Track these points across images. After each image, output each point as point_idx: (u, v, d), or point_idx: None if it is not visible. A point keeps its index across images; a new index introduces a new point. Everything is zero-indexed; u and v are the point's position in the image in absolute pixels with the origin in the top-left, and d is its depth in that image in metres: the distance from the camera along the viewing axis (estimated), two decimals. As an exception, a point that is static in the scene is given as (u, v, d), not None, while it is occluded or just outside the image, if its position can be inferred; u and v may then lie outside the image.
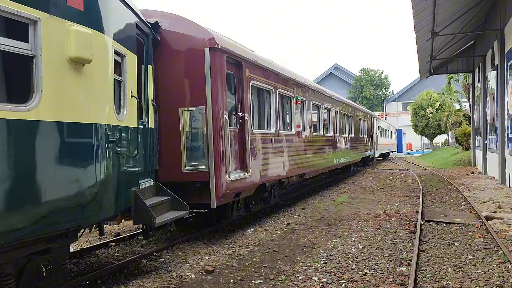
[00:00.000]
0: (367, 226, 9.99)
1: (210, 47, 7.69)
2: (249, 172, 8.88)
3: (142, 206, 5.94)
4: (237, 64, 8.76)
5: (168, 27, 7.94)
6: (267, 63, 10.29)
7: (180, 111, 7.81)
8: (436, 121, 46.54)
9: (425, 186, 18.33)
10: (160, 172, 7.86)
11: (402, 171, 27.04)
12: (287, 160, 11.45)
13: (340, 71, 76.11)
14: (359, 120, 23.66)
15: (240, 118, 8.79)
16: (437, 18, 17.08)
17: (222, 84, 7.96)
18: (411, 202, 13.68)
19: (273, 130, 10.51)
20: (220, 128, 7.79)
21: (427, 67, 25.97)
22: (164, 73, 7.94)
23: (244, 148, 8.81)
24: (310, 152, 13.60)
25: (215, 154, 7.69)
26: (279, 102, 11.11)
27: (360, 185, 19.23)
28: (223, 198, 7.98)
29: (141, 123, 6.67)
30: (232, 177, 8.10)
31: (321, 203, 13.87)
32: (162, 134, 7.92)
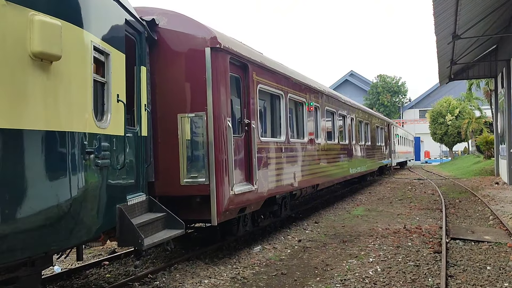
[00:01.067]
0: (386, 243, 9.10)
1: (212, 46, 6.96)
2: (256, 185, 8.09)
3: (129, 225, 5.19)
4: (243, 67, 8.00)
5: (166, 26, 7.23)
6: (277, 66, 9.52)
7: (179, 117, 7.07)
8: (455, 128, 45.16)
9: (447, 197, 17.30)
10: (157, 185, 7.12)
11: (421, 181, 25.94)
12: (299, 170, 10.63)
13: (356, 78, 75.08)
14: (376, 127, 22.71)
15: (245, 125, 8.02)
16: (459, 20, 16.14)
17: (225, 88, 7.21)
18: (433, 216, 12.72)
19: (283, 138, 9.71)
20: (223, 136, 7.03)
21: (447, 73, 24.93)
22: (161, 76, 7.22)
23: (250, 158, 8.03)
24: (324, 161, 12.75)
25: (217, 165, 6.92)
26: (290, 108, 10.31)
27: (377, 196, 18.28)
28: (226, 215, 7.19)
29: (132, 131, 5.95)
30: (236, 190, 7.32)
31: (336, 216, 12.99)
32: (159, 143, 7.18)
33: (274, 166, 9.07)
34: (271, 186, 8.91)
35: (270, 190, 8.83)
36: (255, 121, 8.24)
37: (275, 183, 9.11)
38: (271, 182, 8.91)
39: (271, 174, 8.90)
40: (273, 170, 9.03)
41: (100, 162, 4.75)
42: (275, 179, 9.11)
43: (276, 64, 9.57)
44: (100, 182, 4.81)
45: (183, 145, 7.04)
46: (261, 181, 8.39)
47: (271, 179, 8.93)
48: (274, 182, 9.09)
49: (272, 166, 8.99)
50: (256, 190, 8.12)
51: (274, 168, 9.05)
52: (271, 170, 8.92)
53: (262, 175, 8.44)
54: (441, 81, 27.19)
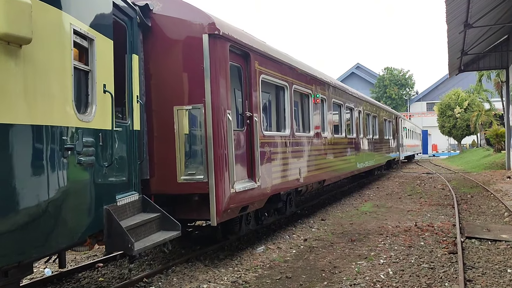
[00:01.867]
0: (397, 243, 8.60)
1: (210, 33, 6.45)
2: (259, 181, 7.60)
3: (117, 228, 4.72)
4: (244, 55, 7.49)
5: (161, 11, 6.72)
6: (281, 55, 8.99)
7: (175, 110, 6.58)
8: (464, 121, 44.39)
9: (458, 192, 16.73)
10: (152, 183, 6.66)
11: (430, 175, 25.33)
12: (305, 165, 10.13)
13: (362, 71, 74.27)
14: (384, 120, 22.12)
15: (247, 118, 7.52)
16: (472, 7, 15.50)
17: (224, 78, 6.70)
18: (445, 212, 12.18)
19: (288, 132, 9.20)
20: (222, 130, 6.54)
21: (457, 64, 24.24)
22: (156, 66, 6.73)
23: (253, 153, 7.53)
24: (331, 156, 12.23)
25: (216, 161, 6.43)
26: (295, 100, 9.79)
27: (386, 191, 17.74)
28: (226, 214, 6.71)
29: (122, 125, 5.47)
30: (237, 188, 6.83)
31: (343, 213, 12.48)
32: (154, 137, 6.71)
33: (278, 161, 8.57)
34: (275, 182, 8.41)
35: (274, 186, 8.33)
36: (258, 114, 7.74)
37: (279, 179, 8.61)
38: (275, 179, 8.42)
39: (275, 170, 8.40)
40: (277, 166, 8.53)
41: (83, 159, 4.28)
42: (279, 175, 8.62)
43: (280, 54, 9.04)
44: (84, 181, 4.34)
45: (180, 139, 6.56)
46: (264, 178, 7.90)
47: (275, 175, 8.43)
48: (279, 178, 8.59)
49: (276, 162, 8.49)
50: (259, 187, 7.63)
51: (278, 163, 8.56)
52: (275, 165, 8.43)
53: (265, 171, 7.94)
54: (451, 72, 26.48)
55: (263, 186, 7.81)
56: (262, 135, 7.90)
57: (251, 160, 7.55)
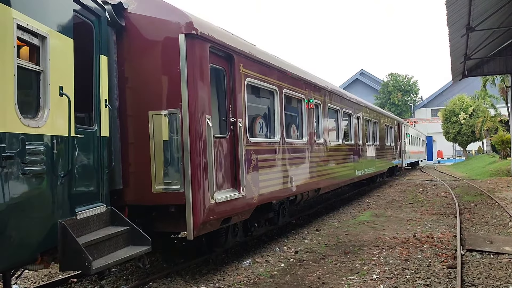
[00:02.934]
0: (393, 256, 8.10)
1: (187, 33, 6.03)
2: (243, 191, 7.14)
3: (73, 245, 4.28)
4: (227, 57, 7.07)
5: (136, 10, 6.32)
6: (269, 58, 8.56)
7: (150, 115, 6.16)
8: (469, 127, 43.77)
9: (461, 200, 16.19)
10: (125, 193, 6.22)
11: (433, 182, 24.77)
12: (298, 173, 9.66)
13: (366, 77, 73.82)
14: (385, 126, 21.62)
15: (231, 124, 7.08)
16: (473, 10, 15.06)
17: (204, 81, 6.27)
18: (446, 222, 11.66)
19: (278, 139, 8.75)
20: (200, 137, 6.10)
21: (460, 69, 23.71)
22: (131, 68, 6.32)
23: (237, 161, 7.09)
24: (327, 163, 11.76)
25: (193, 169, 5.98)
26: (286, 105, 9.35)
27: (386, 199, 17.21)
28: (205, 226, 6.25)
29: (86, 131, 5.04)
30: (217, 199, 6.38)
31: (340, 223, 11.99)
32: (128, 144, 6.28)
33: (266, 169, 8.11)
34: (263, 191, 7.95)
35: (261, 196, 7.87)
36: (243, 120, 7.30)
37: (268, 189, 8.15)
38: (263, 188, 7.96)
39: (263, 178, 7.94)
40: (266, 174, 8.08)
41: (29, 169, 3.85)
42: (267, 184, 8.15)
43: (269, 56, 8.61)
44: (30, 193, 3.91)
45: (155, 147, 6.12)
46: (250, 187, 7.44)
47: (263, 184, 7.97)
48: (267, 187, 8.13)
49: (264, 170, 8.03)
50: (243, 197, 7.17)
51: (266, 171, 8.10)
52: (263, 174, 7.97)
53: (251, 180, 7.49)
54: (454, 78, 25.93)
55: (248, 195, 7.35)
56: (248, 142, 7.46)
57: (235, 169, 7.11)
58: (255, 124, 8.24)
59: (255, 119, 8.26)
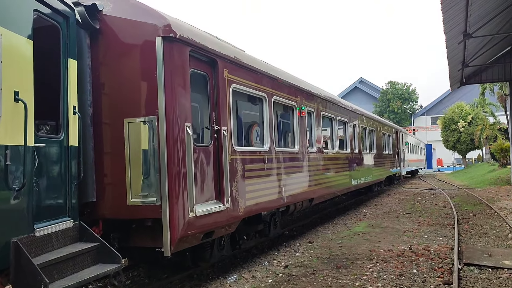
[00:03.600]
0: (387, 270, 7.70)
1: (164, 36, 5.69)
2: (228, 203, 6.77)
3: (27, 266, 3.89)
4: (211, 62, 6.73)
5: (111, 12, 5.99)
6: (257, 63, 8.22)
7: (125, 123, 5.80)
8: (468, 135, 43.45)
9: (460, 210, 15.78)
10: (99, 206, 5.84)
11: (432, 191, 24.37)
12: (289, 183, 9.28)
13: (365, 85, 73.70)
14: (382, 135, 21.26)
15: (215, 132, 6.72)
16: (470, 16, 14.73)
17: (183, 87, 5.92)
18: (444, 233, 11.26)
19: (267, 147, 8.38)
20: (179, 145, 5.73)
21: (458, 76, 23.40)
22: (107, 73, 5.98)
23: (221, 171, 6.72)
24: (321, 172, 11.38)
25: (170, 181, 5.61)
26: (275, 112, 9.00)
27: (384, 209, 16.80)
28: (183, 242, 5.86)
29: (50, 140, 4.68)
30: (198, 211, 6.00)
31: (334, 234, 11.58)
32: (103, 154, 5.92)
33: (254, 179, 7.74)
34: (250, 203, 7.57)
35: (248, 208, 7.49)
36: (228, 128, 6.94)
37: (255, 200, 7.77)
38: (250, 199, 7.58)
39: (250, 189, 7.57)
40: (253, 185, 7.70)
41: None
42: (255, 195, 7.78)
43: (256, 62, 8.27)
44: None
45: (130, 156, 5.76)
46: (236, 198, 7.07)
47: (250, 195, 7.60)
48: (255, 198, 7.76)
49: (252, 180, 7.66)
50: (228, 210, 6.79)
51: (254, 182, 7.73)
52: (250, 184, 7.60)
53: (237, 191, 7.12)
54: (452, 85, 25.60)
55: (233, 208, 6.97)
56: (233, 151, 7.10)
57: (219, 179, 6.73)
58: (242, 132, 7.88)
59: (242, 127, 7.90)
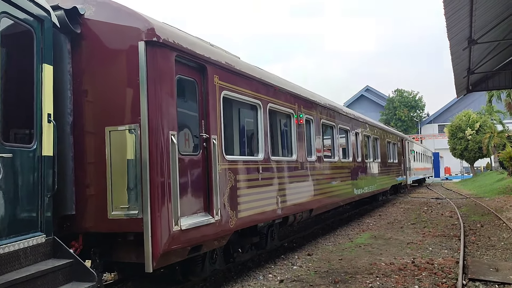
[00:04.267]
0: (387, 285, 7.34)
1: (147, 40, 5.42)
2: (218, 215, 6.45)
3: (-15, 287, 3.61)
4: (199, 68, 6.45)
5: (93, 16, 5.73)
6: (251, 70, 7.93)
7: (107, 131, 5.52)
8: (476, 143, 42.83)
9: (467, 220, 15.32)
10: (79, 219, 5.55)
11: (439, 200, 23.88)
12: (285, 194, 8.95)
13: (372, 93, 73.34)
14: (387, 143, 20.86)
15: (204, 141, 6.42)
16: (475, 22, 14.39)
17: (168, 94, 5.64)
18: (449, 245, 10.84)
19: (261, 156, 8.07)
20: (163, 155, 5.44)
21: (464, 84, 22.98)
22: (89, 80, 5.71)
23: (210, 182, 6.40)
24: (321, 182, 11.03)
25: (153, 192, 5.31)
26: (271, 120, 8.70)
27: (388, 219, 16.37)
28: (167, 257, 5.54)
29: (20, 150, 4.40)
30: (184, 224, 5.68)
31: (335, 246, 11.20)
32: (83, 164, 5.63)
33: (247, 190, 7.42)
34: (243, 215, 7.24)
35: (241, 220, 7.16)
36: (218, 136, 6.64)
37: (248, 212, 7.44)
38: (243, 211, 7.26)
39: (242, 200, 7.25)
40: (246, 196, 7.38)
41: None
42: (248, 207, 7.45)
43: (250, 68, 7.98)
44: None
45: (111, 167, 5.47)
46: (227, 210, 6.75)
47: (243, 206, 7.27)
48: (247, 210, 7.42)
49: (245, 191, 7.34)
50: (217, 222, 6.46)
51: (247, 193, 7.41)
52: (243, 195, 7.28)
53: (228, 203, 6.80)
54: (458, 93, 25.14)
55: (224, 220, 6.65)
56: (224, 160, 6.79)
57: (208, 190, 6.42)
58: (234, 141, 7.58)
59: (234, 135, 7.60)
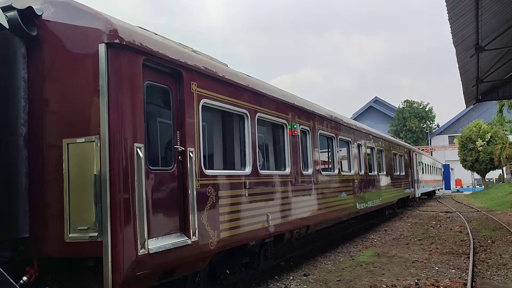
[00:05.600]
0: (386, 313, 6.64)
1: (109, 42, 4.88)
2: (195, 236, 5.84)
3: None
4: (174, 74, 5.90)
5: (53, 17, 5.23)
6: (235, 77, 7.36)
7: (64, 144, 4.97)
8: (487, 155, 41.81)
9: (477, 236, 14.54)
10: (34, 243, 4.98)
11: (449, 214, 23.03)
12: (278, 210, 8.33)
13: (380, 104, 72.55)
14: (393, 155, 20.14)
15: (179, 154, 5.84)
16: (481, 27, 13.72)
17: (133, 102, 5.09)
18: (457, 264, 10.10)
19: (249, 170, 7.46)
20: (126, 170, 4.87)
21: (473, 93, 22.17)
22: (45, 87, 5.19)
23: (186, 199, 5.81)
24: (318, 197, 10.38)
25: (114, 211, 4.73)
26: (260, 131, 8.12)
27: (394, 234, 15.62)
28: (131, 285, 4.92)
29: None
30: (152, 247, 5.08)
31: (335, 265, 10.51)
32: (37, 180, 5.08)
33: (231, 207, 6.81)
34: (226, 235, 6.62)
35: (223, 240, 6.54)
36: (196, 149, 6.06)
37: (232, 231, 6.82)
38: (226, 230, 6.64)
39: (225, 219, 6.64)
40: (230, 214, 6.77)
41: None
42: (232, 225, 6.83)
43: (235, 75, 7.41)
44: None
45: (70, 183, 4.90)
46: (206, 230, 6.13)
47: (226, 225, 6.66)
48: (231, 229, 6.81)
49: (228, 208, 6.73)
50: (194, 244, 5.85)
51: (230, 210, 6.80)
52: (226, 213, 6.67)
53: (208, 222, 6.19)
54: (467, 102, 24.30)
55: (202, 241, 6.03)
56: (203, 175, 6.20)
57: (184, 208, 5.83)
58: (216, 154, 6.99)
59: (217, 148, 7.02)
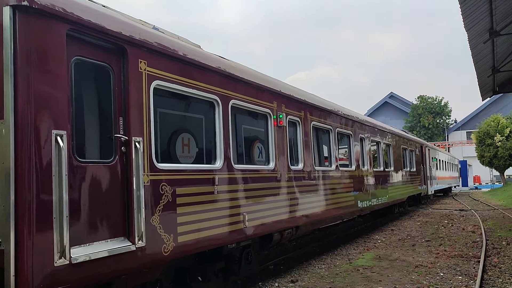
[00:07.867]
0: (374, 330, 5.65)
1: (16, 5, 3.99)
2: (142, 241, 4.93)
3: None
4: (116, 50, 4.98)
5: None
6: (200, 56, 6.40)
7: (-34, 131, 4.09)
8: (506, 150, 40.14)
9: (491, 237, 13.38)
10: None
11: (463, 212, 21.77)
12: (257, 209, 7.40)
13: (396, 100, 71.00)
14: (403, 150, 18.99)
15: (121, 144, 4.93)
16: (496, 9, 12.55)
17: (53, 80, 4.20)
18: (465, 270, 9.02)
19: (219, 164, 6.53)
20: (38, 162, 3.98)
21: (489, 84, 20.85)
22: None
23: (130, 198, 4.90)
24: (310, 194, 9.41)
25: (20, 213, 3.85)
26: (236, 120, 7.18)
27: (400, 234, 14.52)
28: (43, 302, 4.03)
29: None
30: (77, 256, 4.19)
31: (329, 269, 9.52)
32: None
33: (193, 207, 5.88)
34: (185, 239, 5.69)
35: (181, 245, 5.62)
36: (145, 138, 5.15)
37: (195, 234, 5.89)
38: (185, 233, 5.71)
39: (184, 220, 5.71)
40: (191, 214, 5.84)
41: None
42: (195, 228, 5.90)
43: (199, 54, 6.45)
44: None
45: (-29, 178, 4.02)
46: (157, 234, 5.22)
47: (186, 228, 5.73)
48: (193, 232, 5.87)
49: (189, 208, 5.80)
50: (141, 250, 4.94)
51: (192, 210, 5.87)
52: (186, 214, 5.74)
53: (161, 225, 5.28)
54: (483, 95, 22.90)
55: (151, 247, 5.11)
56: (154, 169, 5.28)
57: (127, 208, 4.92)
58: (177, 146, 6.06)
59: (176, 138, 6.08)
